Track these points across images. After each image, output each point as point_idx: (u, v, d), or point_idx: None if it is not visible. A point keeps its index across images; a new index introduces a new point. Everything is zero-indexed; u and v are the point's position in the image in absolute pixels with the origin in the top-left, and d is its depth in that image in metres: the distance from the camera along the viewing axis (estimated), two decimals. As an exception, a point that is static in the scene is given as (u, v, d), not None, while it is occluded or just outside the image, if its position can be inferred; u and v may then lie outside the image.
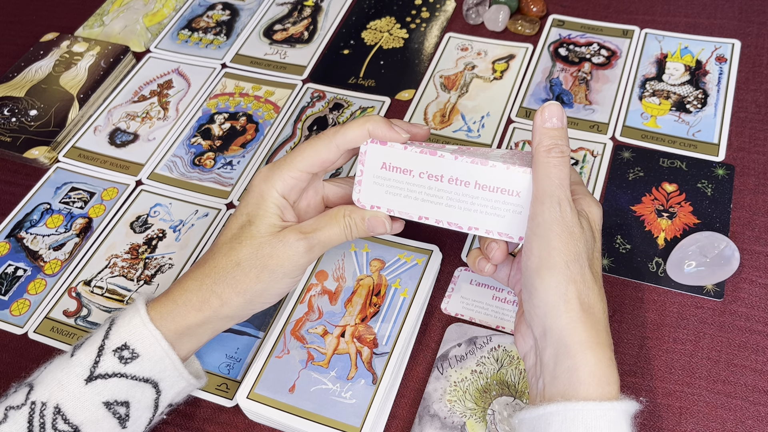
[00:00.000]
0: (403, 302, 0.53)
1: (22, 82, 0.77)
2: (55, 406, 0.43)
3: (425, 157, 0.46)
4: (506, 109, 0.69)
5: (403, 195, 0.47)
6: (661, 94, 0.68)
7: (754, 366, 0.50)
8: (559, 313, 0.40)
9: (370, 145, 0.47)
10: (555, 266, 0.40)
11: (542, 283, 0.41)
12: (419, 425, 0.49)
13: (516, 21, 0.75)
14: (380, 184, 0.47)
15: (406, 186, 0.47)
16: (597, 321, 0.41)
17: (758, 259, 0.56)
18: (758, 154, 0.62)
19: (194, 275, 0.47)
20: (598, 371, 0.39)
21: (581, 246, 0.41)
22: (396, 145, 0.46)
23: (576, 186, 0.47)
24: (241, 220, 0.48)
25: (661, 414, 0.49)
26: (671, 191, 0.60)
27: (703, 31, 0.72)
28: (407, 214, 0.47)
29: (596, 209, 0.45)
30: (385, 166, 0.47)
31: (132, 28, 0.83)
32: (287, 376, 0.51)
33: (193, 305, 0.46)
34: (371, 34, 0.79)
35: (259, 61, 0.78)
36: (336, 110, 0.72)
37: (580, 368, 0.39)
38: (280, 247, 0.46)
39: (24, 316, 0.60)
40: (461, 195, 0.45)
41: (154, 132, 0.72)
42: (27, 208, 0.67)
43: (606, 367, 0.39)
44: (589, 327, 0.40)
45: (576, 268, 0.41)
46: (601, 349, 0.40)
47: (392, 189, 0.47)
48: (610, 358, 0.40)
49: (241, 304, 0.47)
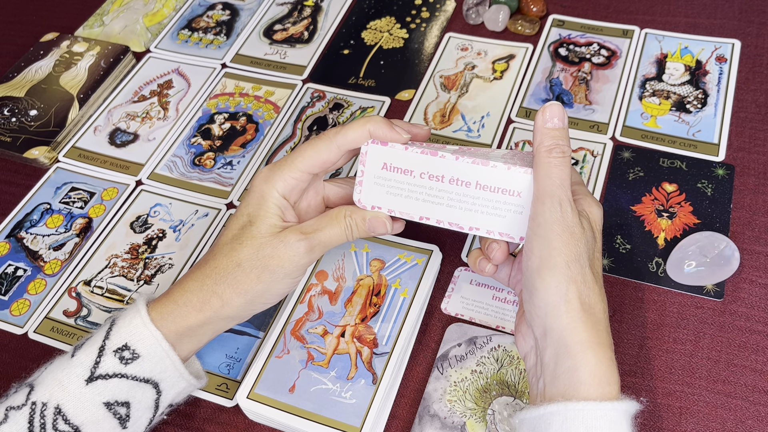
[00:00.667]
0: (403, 302, 0.53)
1: (22, 82, 0.77)
2: (56, 407, 0.43)
3: (426, 158, 0.46)
4: (506, 109, 0.69)
5: (404, 195, 0.47)
6: (661, 94, 0.68)
7: (754, 366, 0.50)
8: (560, 313, 0.40)
9: (371, 146, 0.47)
10: (556, 266, 0.40)
11: (543, 283, 0.41)
12: (419, 425, 0.49)
13: (516, 21, 0.75)
14: (381, 185, 0.47)
15: (407, 186, 0.47)
16: (597, 321, 0.41)
17: (758, 259, 0.56)
18: (758, 154, 0.62)
19: (195, 276, 0.47)
20: (598, 371, 0.39)
21: (582, 246, 0.41)
22: (397, 146, 0.46)
23: (577, 186, 0.47)
24: (242, 221, 0.48)
25: (661, 414, 0.49)
26: (671, 191, 0.60)
27: (703, 31, 0.72)
28: (408, 215, 0.47)
29: (597, 209, 0.45)
30: (386, 166, 0.47)
31: (132, 28, 0.83)
32: (287, 376, 0.51)
33: (194, 306, 0.46)
34: (371, 34, 0.79)
35: (259, 61, 0.78)
36: (336, 110, 0.72)
37: (580, 368, 0.39)
38: (281, 247, 0.46)
39: (24, 316, 0.60)
40: (462, 195, 0.45)
41: (154, 132, 0.72)
42: (27, 208, 0.67)
43: (606, 367, 0.39)
44: (590, 327, 0.40)
45: (577, 268, 0.41)
46: (601, 349, 0.40)
47: (393, 189, 0.47)
48: (611, 358, 0.40)
49: (242, 305, 0.47)
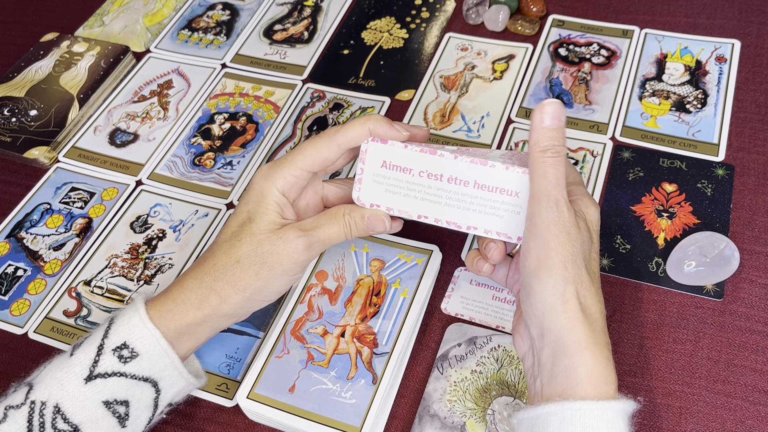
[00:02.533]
0: (403, 302, 0.53)
1: (22, 82, 0.77)
2: (55, 406, 0.43)
3: (425, 156, 0.46)
4: (506, 109, 0.69)
5: (403, 194, 0.47)
6: (661, 94, 0.68)
7: (754, 366, 0.50)
8: (557, 314, 0.40)
9: (371, 144, 0.47)
10: (553, 267, 0.41)
11: (540, 284, 0.41)
12: (419, 425, 0.49)
13: (516, 21, 0.75)
14: (380, 183, 0.47)
15: (406, 185, 0.47)
16: (594, 321, 0.41)
17: (758, 259, 0.56)
18: (758, 154, 0.62)
19: (194, 273, 0.47)
20: (595, 371, 0.39)
21: (578, 247, 0.41)
22: (396, 144, 0.47)
23: (575, 186, 0.47)
24: (242, 218, 0.48)
25: (661, 414, 0.49)
26: (671, 191, 0.60)
27: (703, 31, 0.72)
28: (407, 213, 0.48)
29: (594, 210, 0.45)
30: (386, 164, 0.47)
31: (132, 28, 0.83)
32: (287, 376, 0.51)
33: (192, 303, 0.46)
34: (371, 34, 0.79)
35: (259, 61, 0.78)
36: (336, 110, 0.72)
37: (577, 368, 0.39)
38: (279, 243, 0.46)
39: (24, 316, 0.60)
40: (460, 194, 0.46)
41: (154, 132, 0.72)
42: (27, 208, 0.67)
43: (603, 367, 0.40)
44: (587, 327, 0.40)
45: (573, 268, 0.41)
46: (598, 349, 0.40)
47: (392, 187, 0.47)
48: (608, 358, 0.40)
49: (240, 302, 0.47)
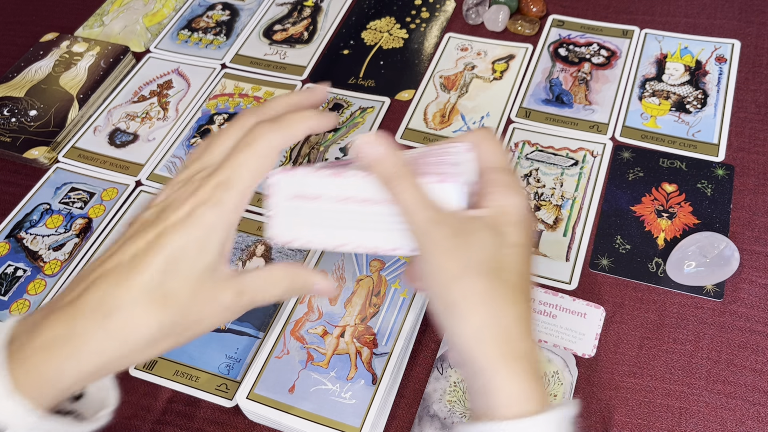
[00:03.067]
0: (403, 302, 0.53)
1: (21, 83, 0.77)
2: None
3: (331, 180, 0.41)
4: (506, 110, 0.69)
5: (317, 224, 0.42)
6: (660, 94, 0.68)
7: (754, 366, 0.50)
8: (461, 330, 0.36)
9: (277, 176, 0.41)
10: (444, 282, 0.37)
11: (437, 300, 0.37)
12: (419, 425, 0.49)
13: (516, 21, 0.75)
14: (293, 216, 0.42)
15: (319, 213, 0.41)
16: (506, 328, 0.36)
17: (758, 259, 0.56)
18: (758, 154, 0.62)
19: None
20: (513, 389, 0.35)
21: (474, 251, 0.37)
22: (299, 171, 0.41)
23: (497, 175, 0.40)
24: None
25: (660, 414, 0.49)
26: (671, 191, 0.60)
27: (703, 32, 0.72)
28: (322, 244, 0.42)
29: (512, 200, 0.39)
30: (295, 195, 0.42)
31: (132, 28, 0.83)
32: (287, 377, 0.51)
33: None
34: (371, 34, 0.79)
35: (258, 61, 0.78)
36: (336, 110, 0.72)
37: (493, 389, 0.35)
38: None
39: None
40: (373, 214, 0.40)
41: (153, 132, 0.72)
42: (27, 209, 0.67)
43: (522, 381, 0.35)
44: (497, 336, 0.36)
45: (470, 277, 0.36)
46: (514, 361, 0.36)
47: (304, 219, 0.42)
48: (526, 370, 0.36)
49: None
